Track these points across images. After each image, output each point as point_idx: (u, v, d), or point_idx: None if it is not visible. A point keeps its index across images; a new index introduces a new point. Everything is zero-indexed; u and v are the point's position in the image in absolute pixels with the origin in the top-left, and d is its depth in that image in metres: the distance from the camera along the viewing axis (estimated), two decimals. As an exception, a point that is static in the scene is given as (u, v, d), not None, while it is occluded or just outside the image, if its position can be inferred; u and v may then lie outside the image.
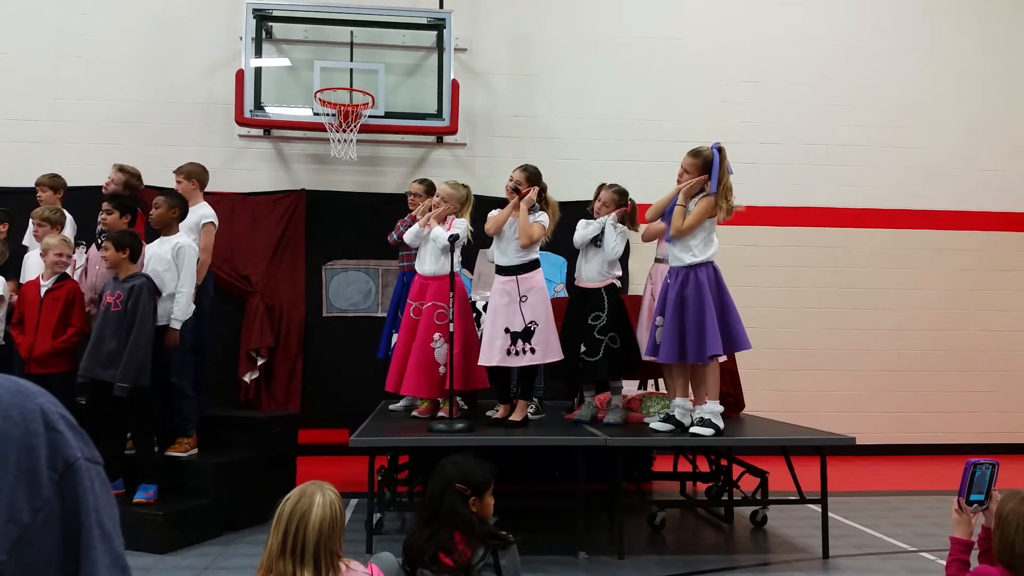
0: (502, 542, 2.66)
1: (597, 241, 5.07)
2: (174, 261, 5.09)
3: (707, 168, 4.66)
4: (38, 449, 0.74)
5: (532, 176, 5.02)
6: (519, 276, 4.89)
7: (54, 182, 6.05)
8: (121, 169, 5.83)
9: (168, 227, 5.21)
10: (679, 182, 4.77)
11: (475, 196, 5.51)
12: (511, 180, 5.03)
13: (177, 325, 5.06)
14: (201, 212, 5.67)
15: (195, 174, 5.83)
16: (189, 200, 5.62)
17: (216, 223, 5.75)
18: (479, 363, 5.00)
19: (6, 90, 7.93)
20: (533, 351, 4.83)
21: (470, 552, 2.62)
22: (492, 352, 4.87)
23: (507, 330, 4.85)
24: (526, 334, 4.83)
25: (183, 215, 5.32)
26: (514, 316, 4.84)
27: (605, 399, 5.44)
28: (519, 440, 4.82)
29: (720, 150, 4.67)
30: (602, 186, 5.24)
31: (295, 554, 2.11)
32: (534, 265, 4.95)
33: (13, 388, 0.77)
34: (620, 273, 5.24)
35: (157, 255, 5.13)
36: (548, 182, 5.18)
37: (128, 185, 5.78)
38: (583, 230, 5.13)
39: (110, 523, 0.78)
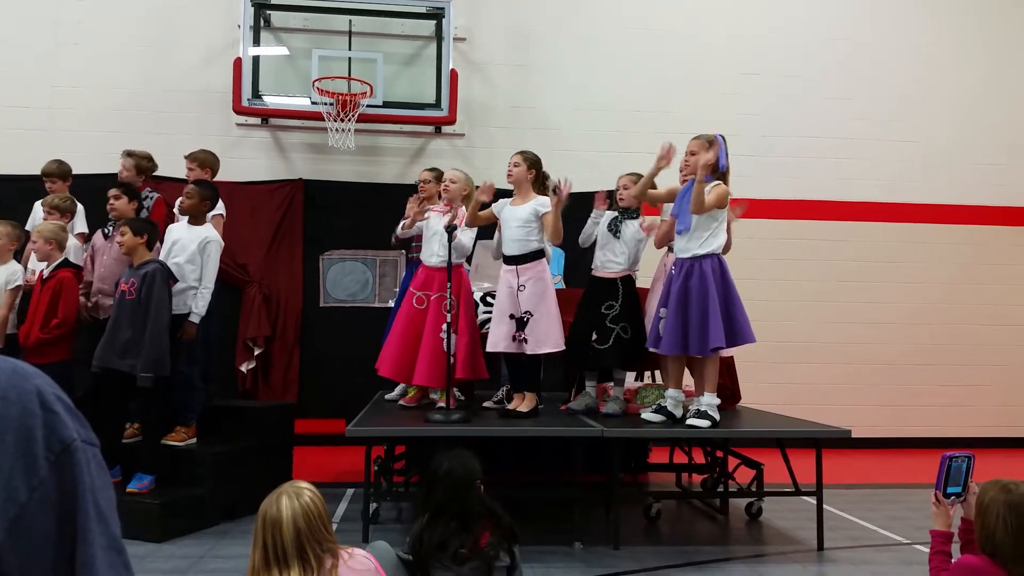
0: (516, 536, 2.70)
1: (616, 232, 5.08)
2: (199, 254, 5.08)
3: (713, 149, 4.65)
4: (35, 430, 0.74)
5: (532, 162, 5.03)
6: (519, 266, 4.91)
7: (61, 170, 5.98)
8: (130, 154, 5.81)
9: (197, 218, 5.19)
10: (686, 165, 4.76)
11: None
12: (511, 165, 5.06)
13: (196, 320, 5.06)
14: None
15: (208, 162, 5.80)
16: None
17: (224, 215, 5.72)
18: (487, 349, 5.03)
19: (3, 78, 7.89)
20: (526, 340, 4.85)
21: (490, 542, 2.65)
22: (499, 339, 4.91)
23: (511, 316, 4.88)
24: (520, 324, 4.85)
25: (214, 207, 5.31)
26: (514, 305, 4.88)
27: (603, 389, 5.45)
28: (517, 431, 4.83)
29: (723, 138, 4.70)
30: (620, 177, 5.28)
31: (278, 560, 2.06)
32: (536, 255, 4.95)
33: (10, 369, 0.77)
34: (638, 267, 5.23)
35: (181, 243, 5.11)
36: (547, 173, 5.18)
37: (140, 168, 5.76)
38: (588, 228, 5.27)
39: (106, 505, 0.78)
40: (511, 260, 4.95)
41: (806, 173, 8.69)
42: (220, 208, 5.66)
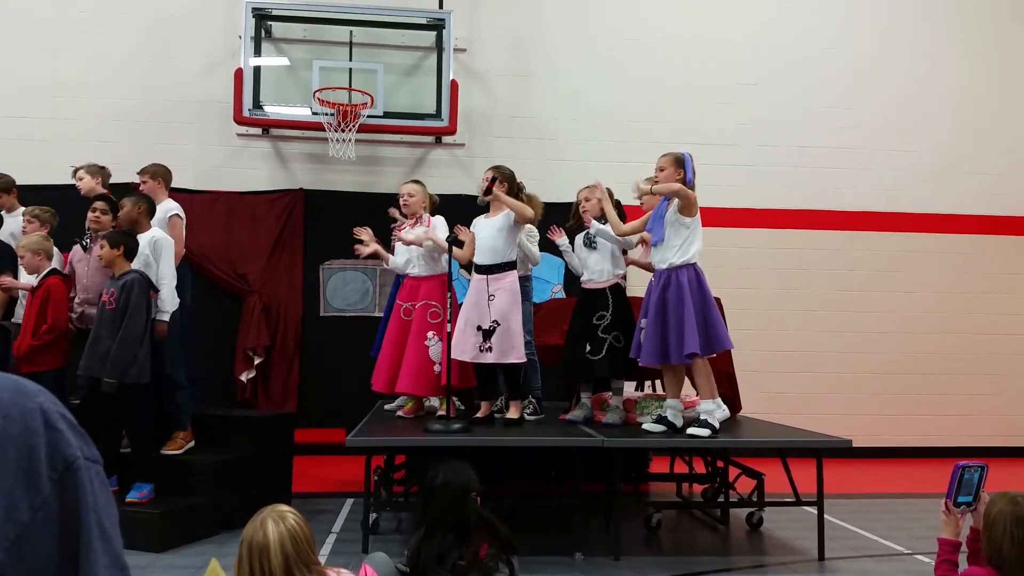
0: (514, 547, 2.69)
1: (592, 244, 5.13)
2: (151, 255, 5.11)
3: (680, 164, 4.77)
4: (38, 448, 0.74)
5: (505, 176, 5.05)
6: (490, 276, 4.94)
7: (4, 183, 6.02)
8: (81, 167, 5.85)
9: (138, 224, 5.23)
10: (656, 181, 4.84)
11: (472, 196, 5.50)
12: (483, 181, 5.09)
13: (165, 317, 5.07)
14: (166, 207, 5.69)
15: (159, 173, 5.87)
16: (155, 199, 5.65)
17: (182, 216, 5.75)
18: (452, 355, 5.03)
19: (4, 87, 7.91)
20: (491, 350, 4.86)
21: (489, 554, 2.64)
22: (465, 347, 4.92)
23: (479, 327, 4.89)
24: (487, 333, 4.86)
25: (151, 211, 5.34)
26: (483, 314, 4.89)
27: (599, 399, 5.45)
28: (517, 441, 4.82)
29: (690, 155, 4.81)
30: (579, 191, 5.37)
31: None
32: (508, 267, 4.98)
33: (13, 386, 0.77)
34: (624, 272, 5.26)
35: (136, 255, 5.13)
36: (545, 182, 5.23)
37: (92, 173, 5.83)
38: (568, 260, 5.38)
39: (109, 523, 0.78)
40: (482, 269, 4.99)
41: (804, 182, 8.71)
42: (176, 209, 5.69)
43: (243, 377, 7.73)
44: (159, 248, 5.16)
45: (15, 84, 7.92)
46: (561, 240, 5.34)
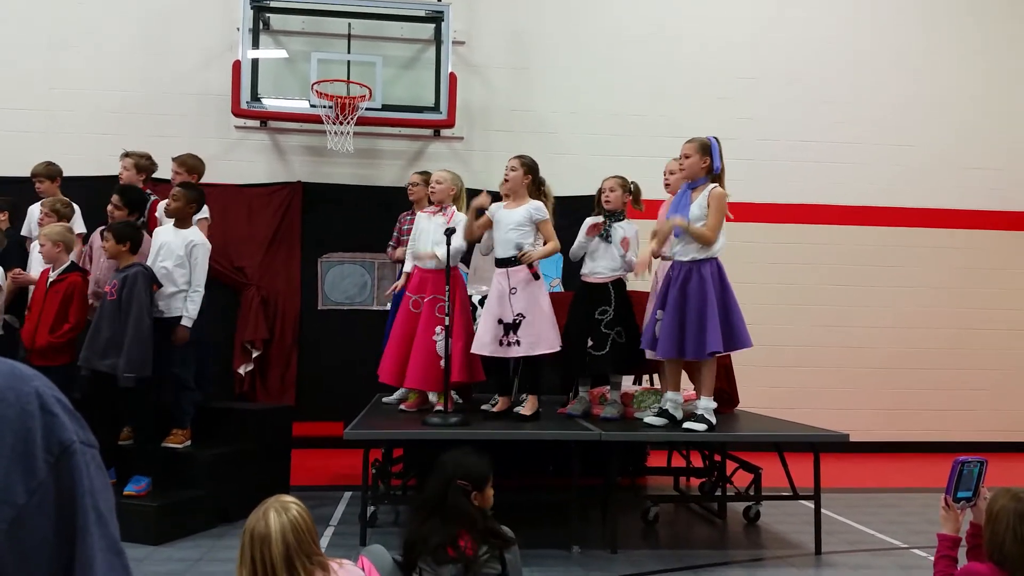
0: (503, 541, 2.67)
1: (608, 237, 5.07)
2: (187, 258, 5.09)
3: (707, 152, 4.67)
4: (33, 431, 0.74)
5: (529, 167, 5.01)
6: (510, 268, 4.89)
7: (50, 171, 6.03)
8: (128, 155, 5.83)
9: (183, 220, 5.20)
10: (680, 169, 4.78)
11: (472, 190, 5.49)
12: (508, 169, 5.03)
13: (189, 323, 5.07)
14: None
15: (196, 168, 5.85)
16: None
17: (209, 218, 5.75)
18: (471, 351, 5.02)
19: (1, 79, 7.88)
20: (519, 343, 4.83)
21: (473, 547, 2.62)
22: (484, 341, 4.89)
23: (500, 321, 4.86)
24: (514, 326, 4.83)
25: (199, 210, 5.33)
26: (505, 308, 4.86)
27: (597, 393, 5.44)
28: (515, 434, 4.82)
29: (716, 140, 4.70)
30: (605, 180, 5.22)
31: None
32: None
33: (8, 371, 0.76)
34: (627, 270, 5.15)
35: (168, 247, 5.11)
36: (546, 176, 5.18)
37: (140, 168, 5.78)
38: (581, 243, 5.15)
39: (105, 507, 0.78)
40: (503, 263, 4.94)
41: (803, 177, 8.71)
42: (205, 212, 5.68)
43: (241, 370, 7.72)
44: (196, 254, 5.14)
45: (12, 76, 7.88)
46: (589, 238, 5.11)
